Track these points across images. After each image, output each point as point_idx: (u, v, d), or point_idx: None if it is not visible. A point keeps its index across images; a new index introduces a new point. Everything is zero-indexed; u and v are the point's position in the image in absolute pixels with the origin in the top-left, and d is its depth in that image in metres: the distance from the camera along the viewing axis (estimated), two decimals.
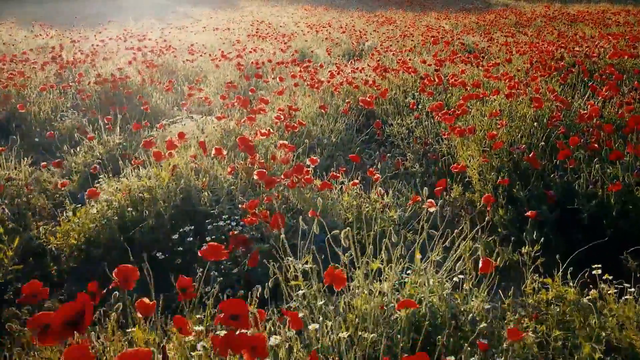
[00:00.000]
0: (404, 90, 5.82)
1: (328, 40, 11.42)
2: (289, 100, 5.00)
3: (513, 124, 3.93)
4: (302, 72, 6.15)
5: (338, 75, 6.50)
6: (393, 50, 8.60)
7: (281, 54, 8.30)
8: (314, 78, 5.42)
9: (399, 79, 6.01)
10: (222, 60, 7.24)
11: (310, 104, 4.88)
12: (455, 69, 6.49)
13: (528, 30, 12.66)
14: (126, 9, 21.29)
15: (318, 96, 5.19)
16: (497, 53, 9.01)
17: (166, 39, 10.46)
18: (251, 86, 6.34)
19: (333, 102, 5.22)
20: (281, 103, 4.83)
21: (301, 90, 5.40)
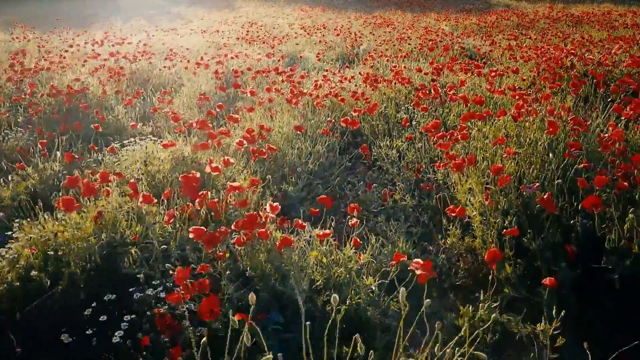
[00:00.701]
0: (396, 102, 5.16)
1: (321, 44, 10.76)
2: (263, 118, 4.34)
3: (521, 151, 3.27)
4: (285, 81, 5.50)
5: (325, 85, 5.85)
6: (388, 56, 7.94)
7: (267, 60, 7.65)
8: (294, 91, 4.76)
9: (392, 90, 5.35)
10: (199, 68, 6.58)
11: (287, 122, 4.23)
12: (455, 78, 5.83)
13: (531, 33, 11.98)
14: (122, 9, 20.65)
15: (298, 112, 4.53)
16: (500, 58, 8.35)
17: (149, 43, 9.80)
18: (230, 97, 5.70)
19: (315, 118, 4.57)
20: (253, 122, 4.18)
21: (279, 104, 4.75)
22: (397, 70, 5.65)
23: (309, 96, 4.92)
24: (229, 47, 9.51)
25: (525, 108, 3.64)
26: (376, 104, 4.44)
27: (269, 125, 4.11)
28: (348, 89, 5.59)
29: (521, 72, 6.74)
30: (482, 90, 4.88)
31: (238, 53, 8.00)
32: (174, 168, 3.19)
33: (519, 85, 5.64)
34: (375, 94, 5.32)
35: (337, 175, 3.78)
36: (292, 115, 4.43)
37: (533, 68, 6.40)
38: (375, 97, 5.26)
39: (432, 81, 5.50)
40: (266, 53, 8.78)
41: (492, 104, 4.61)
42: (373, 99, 5.23)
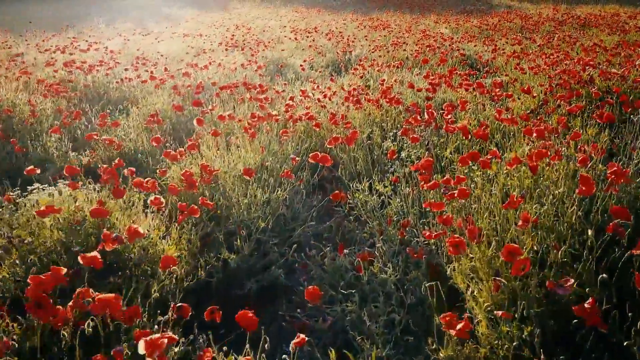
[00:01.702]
0: (382, 127, 4.26)
1: (311, 49, 9.86)
2: (212, 153, 3.44)
3: (542, 212, 2.37)
4: (253, 99, 4.60)
5: (303, 103, 4.95)
6: (379, 65, 7.03)
7: (243, 70, 6.75)
8: (255, 115, 3.86)
9: (379, 111, 4.45)
10: (166, 79, 5.68)
11: (243, 158, 3.34)
12: (454, 95, 4.93)
13: (536, 37, 11.06)
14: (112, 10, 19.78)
15: (260, 142, 3.64)
16: (504, 67, 7.44)
17: (123, 48, 8.92)
18: (192, 116, 4.81)
19: (282, 149, 3.67)
20: (199, 158, 3.28)
21: (236, 131, 3.85)
22: (385, 86, 4.74)
23: (277, 120, 4.02)
24: (208, 53, 8.62)
25: (545, 147, 2.74)
26: (356, 132, 3.54)
27: (222, 161, 3.22)
28: (329, 108, 4.70)
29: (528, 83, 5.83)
30: (486, 115, 3.97)
31: (212, 61, 7.09)
32: (70, 234, 2.30)
33: (527, 105, 4.74)
34: (359, 115, 4.42)
35: (301, 229, 2.89)
36: (252, 148, 3.53)
37: (545, 81, 5.48)
38: (359, 120, 4.36)
39: (427, 99, 4.60)
40: (248, 60, 7.89)
41: (498, 132, 3.71)
42: (356, 122, 4.34)
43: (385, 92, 4.45)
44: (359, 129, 4.20)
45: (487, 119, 3.93)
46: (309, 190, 3.44)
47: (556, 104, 4.69)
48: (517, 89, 5.84)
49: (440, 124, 3.95)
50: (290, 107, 4.22)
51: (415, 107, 4.38)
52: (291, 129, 4.02)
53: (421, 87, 4.79)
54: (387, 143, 3.95)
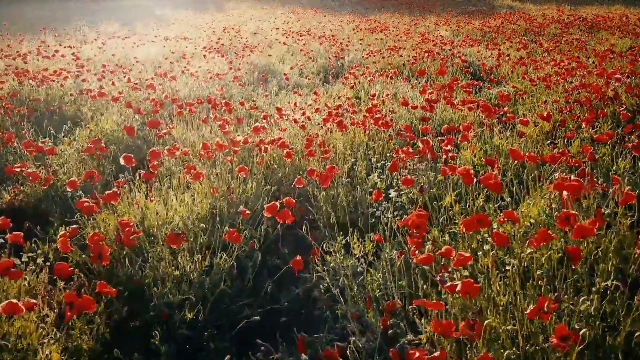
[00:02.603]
0: (369, 154, 3.50)
1: (302, 53, 9.10)
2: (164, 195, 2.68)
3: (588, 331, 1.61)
4: (217, 119, 3.83)
5: (282, 120, 4.20)
6: (372, 74, 6.27)
7: (219, 80, 5.98)
8: (208, 147, 3.09)
9: (365, 136, 3.70)
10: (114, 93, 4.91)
11: (185, 207, 2.58)
12: (455, 114, 4.17)
13: (542, 40, 10.28)
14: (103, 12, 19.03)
15: (213, 181, 2.88)
16: (510, 75, 6.67)
17: (97, 54, 8.17)
18: (148, 141, 4.06)
19: (240, 189, 2.92)
20: (121, 210, 2.52)
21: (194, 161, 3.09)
22: (373, 104, 3.97)
23: (242, 144, 3.26)
24: (188, 58, 7.86)
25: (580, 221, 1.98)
26: (333, 168, 2.78)
27: (153, 212, 2.47)
28: (308, 130, 3.94)
29: (539, 97, 5.06)
30: (495, 145, 3.20)
31: (184, 70, 6.33)
32: None
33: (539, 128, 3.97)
34: (342, 139, 3.66)
35: (247, 315, 2.14)
36: (199, 190, 2.77)
37: (560, 96, 4.72)
38: (341, 146, 3.60)
39: (423, 120, 3.83)
40: (229, 67, 7.13)
41: (510, 169, 2.95)
42: (338, 147, 3.58)
43: (373, 112, 3.69)
44: (340, 157, 3.45)
45: (496, 149, 3.16)
46: (271, 244, 2.69)
47: (575, 125, 3.93)
48: (527, 104, 5.09)
49: (438, 154, 3.19)
50: (259, 131, 3.46)
51: (408, 131, 3.62)
52: (258, 158, 3.26)
53: (416, 105, 4.02)
54: (373, 177, 3.19)
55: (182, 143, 3.74)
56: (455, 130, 3.60)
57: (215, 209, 2.59)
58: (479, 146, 3.19)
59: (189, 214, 2.54)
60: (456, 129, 3.61)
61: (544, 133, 3.94)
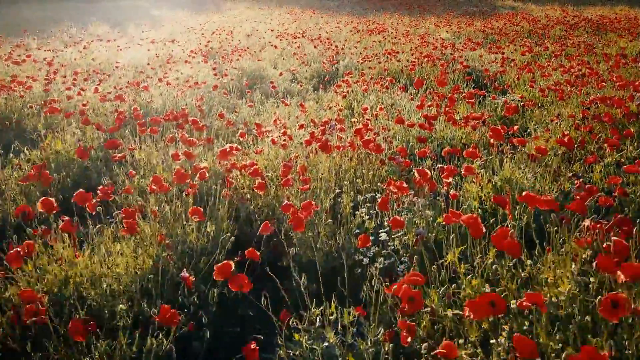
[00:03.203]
0: (355, 185, 2.96)
1: (296, 57, 8.56)
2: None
3: None
4: (184, 139, 3.29)
5: (260, 140, 3.67)
6: (366, 82, 5.73)
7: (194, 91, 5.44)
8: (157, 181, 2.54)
9: (353, 162, 3.16)
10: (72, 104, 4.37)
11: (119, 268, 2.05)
12: (457, 133, 3.63)
13: (548, 43, 9.72)
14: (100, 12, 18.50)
15: (162, 223, 2.34)
16: (516, 82, 6.12)
17: (77, 58, 7.64)
18: (105, 163, 3.53)
19: (193, 235, 2.38)
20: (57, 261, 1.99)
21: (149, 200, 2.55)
22: (364, 124, 3.42)
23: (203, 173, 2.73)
24: (171, 63, 7.32)
25: None
26: (310, 206, 2.25)
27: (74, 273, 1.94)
28: (290, 151, 3.41)
29: (551, 109, 4.53)
30: (506, 177, 2.65)
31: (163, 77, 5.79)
32: None
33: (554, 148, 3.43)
34: (326, 164, 3.13)
35: None
36: (150, 233, 2.24)
37: (575, 110, 4.18)
38: (325, 172, 3.06)
39: (421, 141, 3.29)
40: (214, 73, 6.59)
41: (524, 214, 2.41)
42: (323, 171, 3.04)
43: (362, 133, 3.15)
44: (323, 186, 2.91)
45: (507, 182, 2.62)
46: (230, 309, 2.16)
47: (596, 146, 3.39)
48: (537, 116, 4.55)
49: (438, 186, 2.65)
50: (226, 156, 2.92)
51: (404, 154, 3.08)
52: (226, 191, 2.73)
53: (413, 122, 3.48)
54: (361, 213, 2.65)
55: (142, 167, 3.21)
56: (458, 153, 3.07)
57: (160, 263, 2.06)
58: (487, 177, 2.65)
59: (126, 271, 2.00)
60: (459, 152, 3.08)
61: (560, 155, 3.40)
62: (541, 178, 2.60)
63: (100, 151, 3.58)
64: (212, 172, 3.12)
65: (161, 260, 2.03)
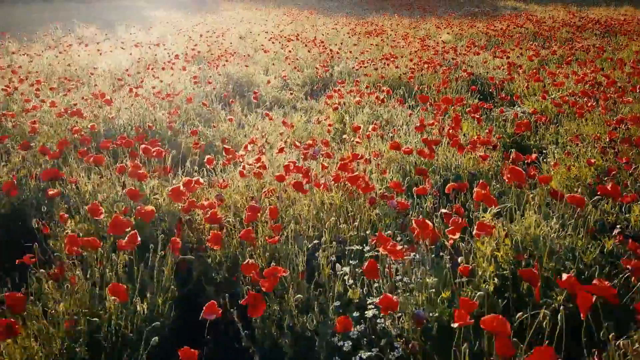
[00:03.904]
0: (339, 231, 2.38)
1: (288, 62, 7.98)
2: None
3: None
4: (133, 172, 2.71)
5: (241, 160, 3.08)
6: (360, 93, 5.14)
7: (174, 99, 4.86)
8: (72, 242, 1.96)
9: (336, 196, 2.57)
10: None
11: None
12: (464, 161, 3.04)
13: (555, 46, 9.11)
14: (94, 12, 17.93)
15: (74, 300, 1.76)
16: (525, 91, 5.53)
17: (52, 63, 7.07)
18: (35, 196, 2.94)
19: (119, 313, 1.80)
20: None
21: None
22: (352, 154, 2.82)
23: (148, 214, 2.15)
24: (150, 70, 6.73)
25: None
26: (274, 273, 1.69)
27: None
28: (264, 181, 2.83)
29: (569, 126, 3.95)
30: (529, 231, 2.06)
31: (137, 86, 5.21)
32: None
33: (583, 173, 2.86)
34: (306, 201, 2.54)
35: None
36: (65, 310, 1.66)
37: (600, 129, 3.59)
38: (305, 209, 2.48)
39: (420, 174, 2.70)
40: (194, 81, 6.01)
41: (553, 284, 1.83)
42: (301, 209, 2.46)
43: (348, 168, 2.57)
44: (301, 230, 2.34)
45: (528, 235, 2.02)
46: None
47: (630, 178, 2.80)
48: (551, 134, 3.96)
49: (443, 239, 2.07)
50: (180, 197, 2.35)
51: (399, 189, 2.50)
52: (176, 241, 2.15)
53: (411, 149, 2.89)
54: (344, 271, 2.07)
55: (81, 207, 2.63)
56: (464, 189, 2.49)
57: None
58: (503, 228, 2.06)
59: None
60: (465, 187, 2.50)
61: (587, 186, 2.82)
62: (576, 239, 2.00)
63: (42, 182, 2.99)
64: (166, 212, 2.54)
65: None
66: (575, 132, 3.76)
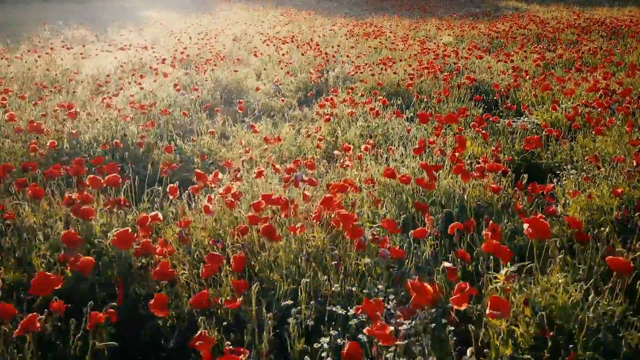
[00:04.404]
0: (315, 296, 1.94)
1: (281, 65, 7.55)
2: None
3: None
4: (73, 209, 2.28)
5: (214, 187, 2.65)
6: (354, 103, 4.71)
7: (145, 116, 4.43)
8: None
9: (316, 238, 2.14)
10: None
11: None
12: (469, 189, 2.60)
13: (560, 49, 8.66)
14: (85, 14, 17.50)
15: None
16: (533, 100, 5.10)
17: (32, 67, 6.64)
18: None
19: None
20: None
21: None
22: (334, 188, 2.37)
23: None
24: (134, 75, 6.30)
25: None
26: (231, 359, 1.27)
27: None
28: (235, 217, 2.41)
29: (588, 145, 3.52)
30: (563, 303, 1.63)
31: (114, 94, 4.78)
32: None
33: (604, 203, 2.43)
34: (277, 248, 2.12)
35: None
36: None
37: (622, 150, 3.16)
38: (279, 252, 2.05)
39: (419, 209, 2.26)
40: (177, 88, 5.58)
41: None
42: (277, 256, 2.03)
43: (333, 204, 2.14)
44: (268, 293, 1.91)
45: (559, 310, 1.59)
46: None
47: None
48: (564, 152, 3.53)
49: (447, 305, 1.64)
50: (129, 243, 1.92)
51: (393, 230, 2.08)
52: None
53: (408, 177, 2.46)
54: (321, 346, 1.64)
55: (18, 249, 2.21)
56: (471, 228, 2.06)
57: None
58: (522, 291, 1.63)
59: None
60: (473, 226, 2.07)
61: (614, 222, 2.39)
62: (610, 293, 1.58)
63: None
64: (116, 256, 2.11)
65: None
66: (592, 150, 3.33)
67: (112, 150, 3.49)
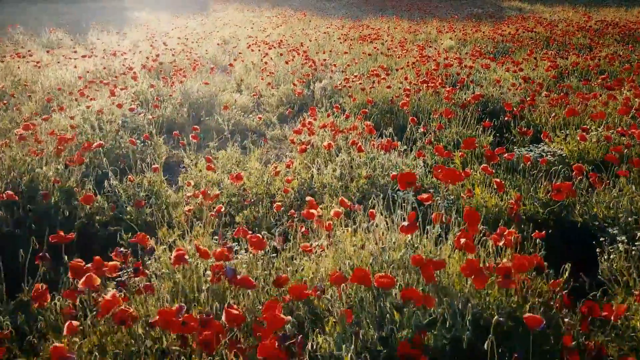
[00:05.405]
0: None
1: (266, 73, 6.66)
2: None
3: None
4: None
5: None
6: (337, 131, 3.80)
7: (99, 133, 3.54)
8: None
9: None
10: None
11: None
12: (485, 293, 1.71)
13: (572, 54, 7.72)
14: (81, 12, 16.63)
15: None
16: (552, 123, 4.19)
17: None
18: None
19: None
20: None
21: None
22: (280, 302, 1.52)
23: None
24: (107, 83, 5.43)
25: None
26: None
27: None
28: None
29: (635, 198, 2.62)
30: None
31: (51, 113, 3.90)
32: None
33: None
34: None
35: None
36: None
37: None
38: None
39: (414, 347, 1.39)
40: (140, 101, 4.70)
41: None
42: None
43: (270, 348, 1.25)
44: None
45: None
46: None
47: None
48: (604, 202, 2.63)
49: None
50: None
51: None
52: None
53: (392, 280, 1.58)
54: None
55: None
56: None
57: None
58: None
59: None
60: None
61: None
62: None
63: None
64: None
65: None
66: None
67: (12, 203, 2.61)
